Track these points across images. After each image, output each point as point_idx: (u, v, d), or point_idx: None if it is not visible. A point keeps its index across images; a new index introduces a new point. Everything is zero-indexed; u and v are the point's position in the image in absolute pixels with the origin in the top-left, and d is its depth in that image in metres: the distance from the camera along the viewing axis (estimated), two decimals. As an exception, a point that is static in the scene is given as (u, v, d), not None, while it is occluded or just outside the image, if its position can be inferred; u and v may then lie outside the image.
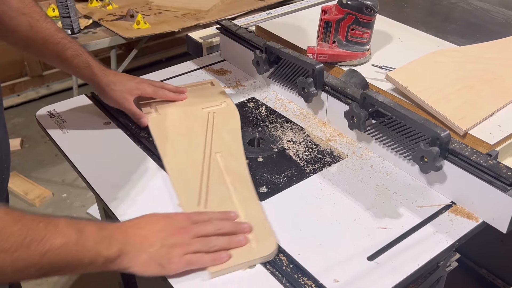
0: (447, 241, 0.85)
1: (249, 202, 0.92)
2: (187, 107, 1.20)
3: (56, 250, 0.67)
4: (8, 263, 0.63)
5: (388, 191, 0.96)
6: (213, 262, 0.78)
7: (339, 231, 0.87)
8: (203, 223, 0.82)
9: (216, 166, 1.01)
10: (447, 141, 0.89)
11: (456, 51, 1.29)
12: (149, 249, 0.76)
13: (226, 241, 0.80)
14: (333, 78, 1.13)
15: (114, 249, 0.73)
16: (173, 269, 0.76)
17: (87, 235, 0.71)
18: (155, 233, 0.78)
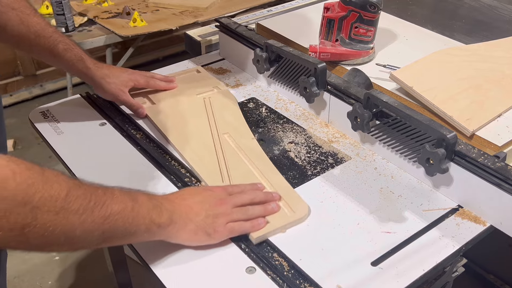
0: (454, 246, 0.85)
1: (271, 173, 0.99)
2: (180, 95, 1.24)
3: (116, 215, 0.71)
4: (77, 225, 0.67)
5: (392, 194, 0.96)
6: (252, 229, 0.86)
7: (342, 236, 0.87)
8: (238, 194, 0.89)
9: (228, 145, 1.07)
10: (453, 142, 0.90)
11: (462, 49, 1.30)
12: (195, 218, 0.82)
13: (262, 209, 0.88)
14: (335, 77, 1.13)
15: (165, 217, 0.79)
16: (218, 237, 0.84)
17: (140, 203, 0.76)
18: (198, 203, 0.84)
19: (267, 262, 0.82)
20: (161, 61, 3.33)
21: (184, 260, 0.84)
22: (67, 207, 0.66)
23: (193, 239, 0.83)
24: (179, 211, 0.81)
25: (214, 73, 1.37)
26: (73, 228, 0.67)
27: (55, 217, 0.64)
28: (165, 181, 1.00)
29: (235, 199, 0.88)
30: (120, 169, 1.03)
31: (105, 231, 0.71)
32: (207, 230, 0.82)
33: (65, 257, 2.04)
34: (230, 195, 0.89)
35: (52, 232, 0.65)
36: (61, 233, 0.66)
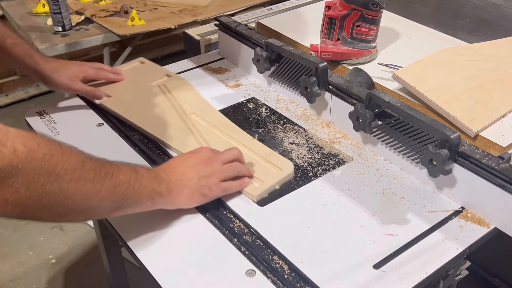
0: (457, 249, 0.85)
1: (248, 141, 1.08)
2: (134, 86, 1.28)
3: (124, 184, 0.78)
4: (93, 193, 0.74)
5: (395, 196, 0.96)
6: (241, 187, 0.95)
7: (344, 238, 0.87)
8: (224, 151, 0.96)
9: (199, 123, 1.13)
10: (457, 143, 0.90)
11: (466, 49, 1.30)
12: (189, 183, 0.89)
13: (246, 168, 0.97)
14: (337, 77, 1.14)
15: (163, 186, 0.85)
16: (213, 196, 0.91)
17: (141, 173, 0.83)
18: (190, 168, 0.90)
19: (267, 265, 0.82)
20: (160, 60, 3.33)
21: (184, 262, 0.84)
22: (84, 176, 0.73)
23: (190, 202, 0.90)
24: (174, 179, 0.88)
25: (214, 73, 1.37)
26: (90, 197, 0.74)
27: (75, 185, 0.71)
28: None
29: (224, 156, 0.94)
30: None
31: (115, 199, 0.78)
32: (202, 191, 0.90)
33: (61, 260, 2.04)
34: (216, 153, 0.95)
35: (73, 200, 0.72)
36: (80, 201, 0.73)
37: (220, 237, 0.88)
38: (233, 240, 0.87)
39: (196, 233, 0.89)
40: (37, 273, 1.99)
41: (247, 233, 0.88)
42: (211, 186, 0.90)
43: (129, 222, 0.91)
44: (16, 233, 2.16)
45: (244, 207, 0.94)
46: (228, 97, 1.27)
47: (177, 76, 1.33)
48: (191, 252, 0.85)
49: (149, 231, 0.90)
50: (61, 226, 2.19)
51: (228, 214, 0.92)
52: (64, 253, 2.08)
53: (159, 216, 0.92)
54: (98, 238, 1.41)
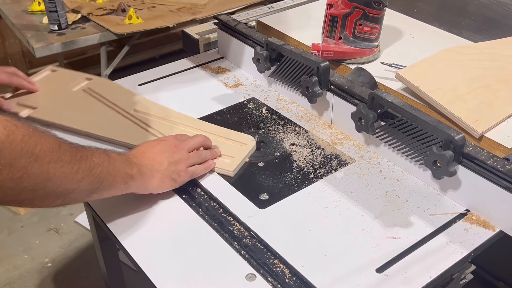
0: (462, 252, 0.85)
1: (201, 125, 1.13)
2: (56, 94, 1.22)
3: (99, 167, 0.81)
4: (71, 175, 0.76)
5: (398, 198, 0.96)
6: (206, 170, 1.01)
7: (346, 241, 0.87)
8: (189, 139, 1.01)
9: (145, 118, 1.14)
10: (461, 144, 0.90)
11: (471, 48, 1.30)
12: (160, 168, 0.93)
13: (210, 152, 1.03)
14: (339, 77, 1.14)
15: (134, 170, 0.89)
16: (182, 181, 0.97)
17: (113, 157, 0.86)
18: (159, 154, 0.95)
19: (268, 268, 0.82)
20: (158, 59, 3.33)
21: (183, 266, 0.84)
22: (62, 158, 0.75)
23: (161, 186, 0.94)
24: (145, 164, 0.92)
25: (213, 72, 1.37)
26: (68, 178, 0.76)
27: (54, 166, 0.73)
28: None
29: (189, 144, 1.00)
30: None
31: (92, 182, 0.80)
32: (172, 176, 0.94)
33: (57, 263, 2.04)
34: (182, 141, 1.00)
35: (53, 181, 0.74)
36: (59, 183, 0.75)
37: (219, 241, 0.88)
38: (232, 244, 0.87)
39: (196, 237, 0.89)
40: (33, 277, 1.99)
41: (247, 236, 0.88)
42: (180, 172, 0.95)
43: (127, 224, 0.91)
44: (10, 236, 2.16)
45: (244, 209, 0.94)
46: (227, 97, 1.27)
47: (99, 78, 1.30)
48: (190, 256, 0.85)
49: (147, 234, 0.90)
50: (57, 229, 2.19)
51: (227, 217, 0.92)
52: (60, 256, 2.08)
53: (156, 219, 0.93)
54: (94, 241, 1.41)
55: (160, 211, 0.94)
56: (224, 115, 1.20)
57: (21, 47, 2.84)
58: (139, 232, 0.90)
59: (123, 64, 2.71)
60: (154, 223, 0.92)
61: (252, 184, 1.00)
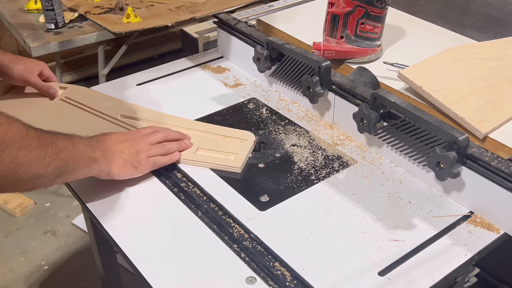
0: (466, 255, 0.85)
1: (197, 126, 1.14)
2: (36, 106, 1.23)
3: (63, 151, 0.85)
4: (38, 160, 0.80)
5: (401, 200, 0.96)
6: (170, 161, 1.04)
7: (348, 244, 0.87)
8: (153, 133, 1.05)
9: (133, 122, 1.15)
10: (465, 145, 0.90)
11: (475, 47, 1.30)
12: (121, 154, 0.97)
13: (177, 145, 1.06)
14: (341, 76, 1.14)
15: (97, 153, 0.93)
16: (143, 169, 1.00)
17: (76, 141, 0.90)
18: (121, 143, 0.99)
19: (268, 272, 0.82)
20: (156, 59, 3.33)
21: (182, 269, 0.84)
22: (30, 144, 0.79)
23: (123, 172, 0.97)
24: (107, 148, 0.96)
25: (212, 72, 1.37)
26: (37, 163, 0.80)
27: (23, 152, 0.77)
28: (162, 186, 1.00)
29: (150, 138, 1.03)
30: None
31: (57, 166, 0.84)
32: (133, 163, 0.98)
33: (54, 266, 2.04)
34: (145, 135, 1.04)
35: (23, 167, 0.78)
36: (29, 169, 0.79)
37: (219, 243, 0.88)
38: (232, 246, 0.87)
39: (195, 239, 0.89)
40: (29, 280, 1.98)
41: (247, 239, 0.88)
42: (141, 160, 0.99)
43: (125, 227, 0.91)
44: (6, 238, 2.16)
45: (244, 211, 0.94)
46: (227, 97, 1.27)
47: (74, 86, 1.28)
48: (189, 259, 0.85)
49: (145, 237, 0.90)
50: (53, 231, 2.19)
51: (227, 219, 0.92)
52: (57, 259, 2.08)
53: (155, 221, 0.93)
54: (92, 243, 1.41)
55: (159, 213, 0.95)
56: (223, 116, 1.20)
57: (17, 46, 2.84)
58: (138, 234, 0.90)
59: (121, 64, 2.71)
60: (152, 226, 0.92)
61: (252, 186, 1.00)
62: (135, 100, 1.24)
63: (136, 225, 0.92)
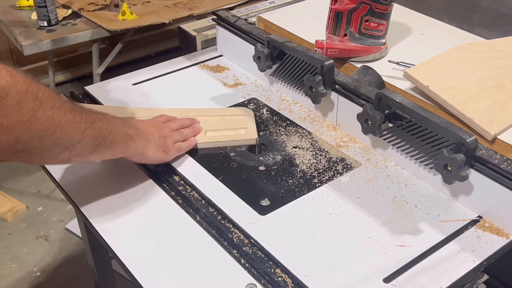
0: (474, 261, 0.85)
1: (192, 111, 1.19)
2: None
3: (98, 122, 0.85)
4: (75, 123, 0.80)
5: (407, 204, 0.96)
6: (189, 147, 1.09)
7: (352, 250, 0.87)
8: (171, 121, 1.10)
9: None
10: (473, 147, 0.90)
11: (483, 45, 1.30)
12: (153, 138, 1.01)
13: (191, 130, 1.12)
14: (344, 76, 1.14)
15: (132, 130, 0.95)
16: (171, 155, 1.05)
17: (110, 117, 0.91)
18: (150, 127, 1.03)
19: (269, 278, 0.82)
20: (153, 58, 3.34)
21: (180, 276, 0.84)
22: (64, 105, 0.79)
23: (156, 155, 1.01)
24: (141, 128, 0.99)
25: (211, 71, 1.38)
26: (73, 126, 0.80)
27: (58, 112, 0.77)
28: (158, 190, 1.00)
29: (171, 125, 1.08)
30: (108, 177, 1.03)
31: (94, 135, 0.84)
32: (164, 148, 1.02)
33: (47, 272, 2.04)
34: (164, 122, 1.08)
35: (57, 127, 0.77)
36: (64, 130, 0.78)
37: (218, 249, 0.88)
38: (232, 252, 0.87)
39: (193, 245, 0.89)
40: (21, 287, 1.98)
41: (247, 244, 0.88)
42: (169, 145, 1.03)
43: (121, 232, 0.92)
44: (-3, 244, 2.17)
45: (244, 216, 0.94)
46: (226, 97, 1.27)
47: None
48: (187, 265, 0.86)
49: (142, 242, 0.90)
50: (46, 236, 2.20)
51: (226, 223, 0.92)
52: (50, 265, 2.08)
53: (152, 226, 0.93)
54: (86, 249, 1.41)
55: (156, 218, 0.95)
56: (223, 116, 1.20)
57: (8, 45, 2.85)
58: (134, 239, 0.90)
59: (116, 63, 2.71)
60: (149, 231, 0.92)
61: (252, 189, 1.00)
62: (131, 100, 1.24)
63: (132, 230, 0.92)
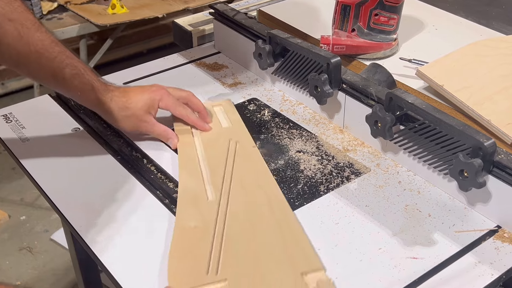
0: (492, 274, 0.85)
1: None
2: None
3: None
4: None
5: (419, 213, 0.96)
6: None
7: (360, 262, 0.87)
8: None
9: None
10: (491, 151, 0.90)
11: (502, 41, 1.30)
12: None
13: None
14: (352, 74, 1.14)
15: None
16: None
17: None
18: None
19: (271, 293, 0.82)
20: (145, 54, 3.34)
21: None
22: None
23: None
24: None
25: (208, 69, 1.38)
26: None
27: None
28: (151, 197, 1.00)
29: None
30: (96, 184, 1.03)
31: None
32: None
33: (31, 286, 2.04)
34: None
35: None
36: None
37: (215, 261, 0.88)
38: (231, 265, 0.87)
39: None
40: (2, 303, 1.98)
41: (247, 256, 0.88)
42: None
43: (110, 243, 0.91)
44: (-23, 256, 2.17)
45: (244, 226, 0.94)
46: (225, 97, 1.27)
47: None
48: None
49: (133, 253, 0.90)
50: (30, 248, 2.20)
51: (225, 234, 0.92)
52: (34, 278, 2.08)
53: (144, 236, 0.93)
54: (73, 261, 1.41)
55: (148, 227, 0.95)
56: (221, 118, 1.20)
57: (-11, 41, 2.85)
58: (125, 251, 0.90)
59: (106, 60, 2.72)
60: (141, 241, 0.92)
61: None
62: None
63: (123, 240, 0.92)
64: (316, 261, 0.85)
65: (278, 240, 0.89)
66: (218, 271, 0.84)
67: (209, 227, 0.91)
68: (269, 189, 1.00)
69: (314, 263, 0.85)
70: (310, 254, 0.87)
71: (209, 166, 1.05)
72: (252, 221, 0.93)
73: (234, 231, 0.91)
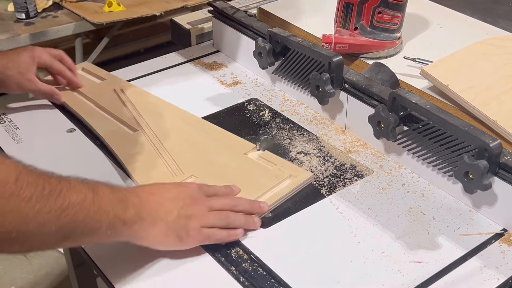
0: (498, 279, 0.85)
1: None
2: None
3: (75, 207, 0.73)
4: (30, 216, 0.69)
5: (423, 216, 0.96)
6: (228, 238, 0.89)
7: (362, 266, 0.87)
8: (219, 196, 0.94)
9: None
10: (497, 152, 0.90)
11: (509, 40, 1.30)
12: (166, 217, 0.84)
13: (243, 220, 0.91)
14: (354, 73, 1.14)
15: (131, 213, 0.81)
16: (190, 243, 0.87)
17: (102, 194, 0.78)
18: (170, 200, 0.87)
19: (271, 298, 0.82)
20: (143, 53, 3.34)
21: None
22: (18, 193, 0.68)
23: (163, 242, 0.85)
24: (148, 207, 0.84)
25: (207, 68, 1.38)
26: (26, 220, 0.69)
27: (5, 204, 0.67)
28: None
29: (213, 202, 0.91)
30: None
31: (63, 225, 0.72)
32: (179, 232, 0.85)
33: (24, 292, 2.04)
34: (207, 195, 0.92)
35: (2, 223, 0.67)
36: (12, 225, 0.68)
37: (214, 265, 0.88)
38: (230, 269, 0.87)
39: (187, 262, 0.89)
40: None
41: (246, 260, 0.89)
42: (190, 230, 0.86)
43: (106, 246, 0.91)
44: (-30, 260, 2.17)
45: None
46: (224, 97, 1.28)
47: None
48: (180, 283, 0.86)
49: (129, 257, 0.90)
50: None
51: (224, 237, 0.92)
52: (29, 283, 2.08)
53: (141, 240, 0.93)
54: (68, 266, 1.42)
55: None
56: (220, 119, 1.20)
57: (-18, 39, 2.85)
58: (121, 255, 0.90)
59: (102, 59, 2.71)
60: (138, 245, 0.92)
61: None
62: (118, 101, 1.25)
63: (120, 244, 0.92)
64: (247, 143, 1.10)
65: (210, 139, 1.11)
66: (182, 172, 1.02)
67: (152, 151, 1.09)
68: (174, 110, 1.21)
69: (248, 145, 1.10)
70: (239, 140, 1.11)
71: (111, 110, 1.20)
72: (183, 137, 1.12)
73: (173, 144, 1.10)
